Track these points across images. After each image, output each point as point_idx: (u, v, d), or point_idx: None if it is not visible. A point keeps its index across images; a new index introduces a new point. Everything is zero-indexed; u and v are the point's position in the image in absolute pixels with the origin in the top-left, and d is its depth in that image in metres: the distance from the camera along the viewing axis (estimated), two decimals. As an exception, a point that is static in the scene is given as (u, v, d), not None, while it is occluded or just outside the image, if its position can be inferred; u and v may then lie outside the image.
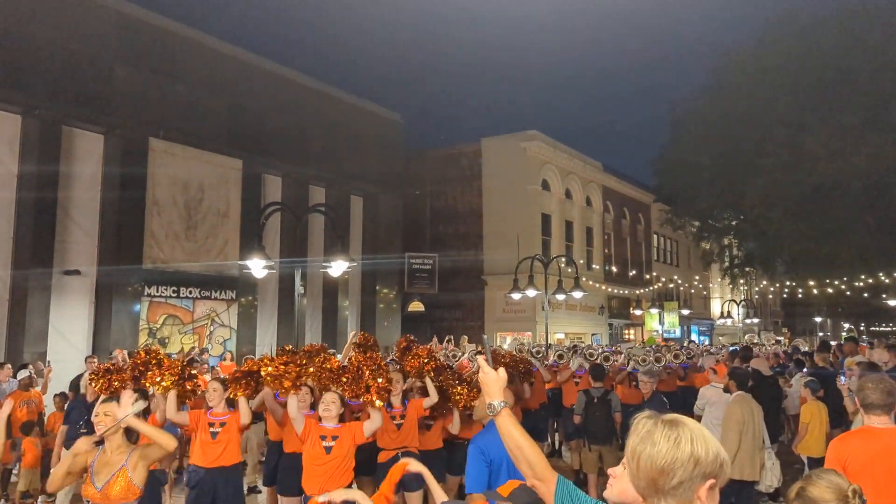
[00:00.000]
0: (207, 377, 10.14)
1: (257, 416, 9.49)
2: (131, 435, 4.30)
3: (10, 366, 11.08)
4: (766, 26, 27.98)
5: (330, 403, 5.59)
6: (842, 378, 7.15)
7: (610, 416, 8.38)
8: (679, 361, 12.56)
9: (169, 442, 4.32)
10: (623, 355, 13.04)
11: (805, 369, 11.16)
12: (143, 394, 4.56)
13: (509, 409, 2.40)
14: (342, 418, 5.71)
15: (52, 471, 4.25)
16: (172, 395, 5.93)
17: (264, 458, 9.74)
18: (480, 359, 2.57)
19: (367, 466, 6.96)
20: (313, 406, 6.51)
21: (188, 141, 18.54)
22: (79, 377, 10.91)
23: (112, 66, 16.92)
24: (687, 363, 13.39)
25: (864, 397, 3.85)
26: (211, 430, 5.83)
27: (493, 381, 2.44)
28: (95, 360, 11.62)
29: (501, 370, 2.49)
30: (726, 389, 6.75)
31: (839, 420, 8.29)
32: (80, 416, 7.76)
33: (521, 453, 2.30)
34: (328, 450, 5.35)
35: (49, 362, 12.89)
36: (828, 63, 24.56)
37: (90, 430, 7.40)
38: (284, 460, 6.52)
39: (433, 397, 6.55)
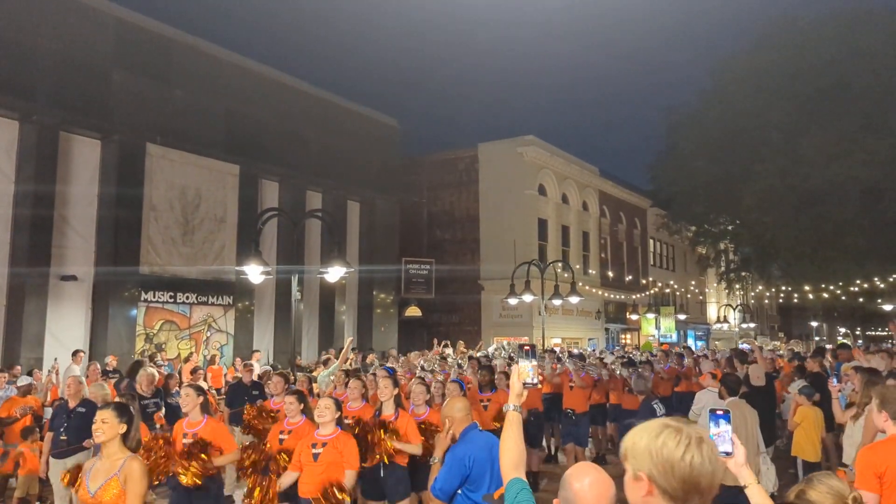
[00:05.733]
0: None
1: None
2: (128, 440, 4.30)
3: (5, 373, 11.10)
4: (763, 32, 28.14)
5: (324, 409, 5.66)
6: (833, 380, 7.19)
7: None
8: (657, 367, 12.56)
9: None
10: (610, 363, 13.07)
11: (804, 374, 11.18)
12: (124, 409, 4.41)
13: (516, 414, 2.76)
14: (339, 422, 5.76)
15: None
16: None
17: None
18: (514, 367, 2.86)
19: None
20: (304, 412, 6.55)
21: (185, 146, 18.54)
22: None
23: (110, 72, 16.94)
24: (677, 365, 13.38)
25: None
26: (184, 440, 5.81)
27: (511, 388, 2.82)
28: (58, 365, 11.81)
29: (518, 382, 2.79)
30: (720, 395, 6.79)
31: (833, 424, 8.31)
32: (62, 421, 7.61)
33: (500, 449, 2.71)
34: (315, 457, 5.48)
35: (56, 359, 12.87)
36: (824, 69, 24.69)
37: (71, 438, 7.37)
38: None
39: (416, 450, 6.44)
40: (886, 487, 3.56)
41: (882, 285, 26.69)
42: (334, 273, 12.06)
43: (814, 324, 53.80)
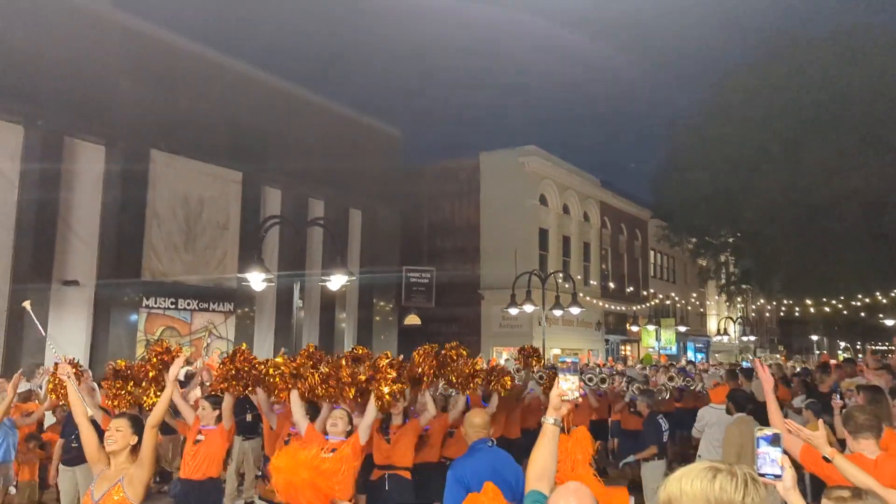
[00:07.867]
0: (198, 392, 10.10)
1: (254, 431, 9.48)
2: (138, 450, 4.31)
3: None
4: (765, 46, 28.21)
5: (338, 419, 5.65)
6: (837, 396, 7.18)
7: None
8: (674, 384, 12.49)
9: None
10: (625, 378, 12.98)
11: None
12: (137, 421, 4.52)
13: (552, 427, 2.70)
14: (349, 435, 5.75)
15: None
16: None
17: (261, 473, 9.76)
18: (556, 381, 2.80)
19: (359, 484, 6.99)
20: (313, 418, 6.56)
21: (189, 153, 18.59)
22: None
23: (114, 79, 16.97)
24: (683, 385, 13.30)
25: (855, 423, 3.85)
26: (197, 437, 5.92)
27: (550, 401, 2.76)
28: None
29: (557, 396, 2.72)
30: (728, 411, 6.77)
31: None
32: (74, 428, 7.66)
33: (530, 459, 2.69)
34: None
35: (39, 368, 12.77)
36: (825, 83, 24.72)
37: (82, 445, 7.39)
38: None
39: (431, 411, 6.60)
40: None
41: (884, 300, 26.68)
42: (336, 281, 12.07)
43: (814, 337, 53.73)
